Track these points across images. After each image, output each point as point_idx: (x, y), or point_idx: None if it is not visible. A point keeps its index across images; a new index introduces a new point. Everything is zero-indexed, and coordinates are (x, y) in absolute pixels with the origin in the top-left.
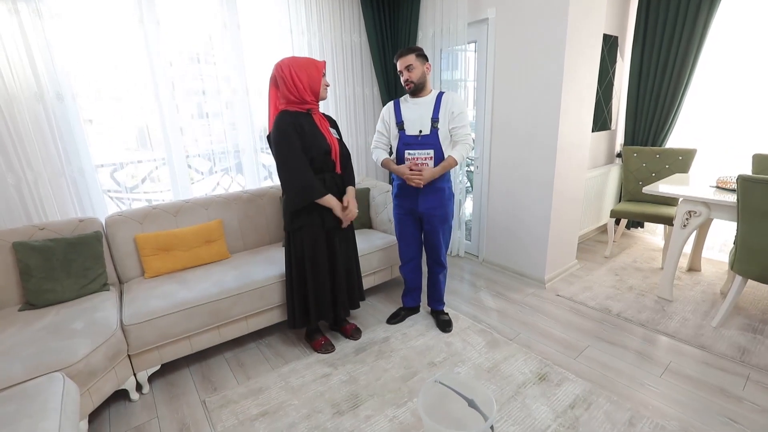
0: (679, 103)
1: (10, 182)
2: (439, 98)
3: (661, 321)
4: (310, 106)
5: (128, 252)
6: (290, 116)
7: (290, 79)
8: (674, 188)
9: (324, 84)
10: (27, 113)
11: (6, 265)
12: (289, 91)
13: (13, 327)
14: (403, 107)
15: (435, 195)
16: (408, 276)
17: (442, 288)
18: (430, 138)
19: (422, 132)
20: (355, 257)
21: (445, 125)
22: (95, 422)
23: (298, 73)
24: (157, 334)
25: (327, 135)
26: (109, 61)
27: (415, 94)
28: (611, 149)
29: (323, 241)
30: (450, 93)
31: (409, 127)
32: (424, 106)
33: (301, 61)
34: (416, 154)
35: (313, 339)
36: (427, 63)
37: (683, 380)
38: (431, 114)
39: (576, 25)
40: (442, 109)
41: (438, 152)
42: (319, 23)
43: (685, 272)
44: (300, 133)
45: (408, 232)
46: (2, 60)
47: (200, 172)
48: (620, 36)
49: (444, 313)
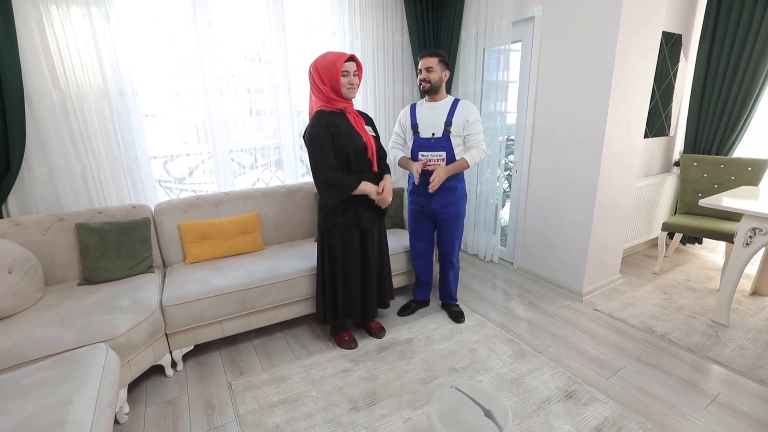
0: (752, 109)
1: (77, 170)
2: (455, 104)
3: (713, 347)
4: (342, 105)
5: (173, 238)
6: (326, 116)
7: (318, 79)
8: (739, 202)
9: (347, 83)
10: (94, 108)
11: (69, 244)
12: (319, 90)
13: (71, 299)
14: (418, 110)
15: (448, 194)
16: (420, 270)
17: (453, 286)
18: (443, 140)
19: (435, 135)
20: (387, 257)
21: (458, 130)
22: (134, 392)
23: (321, 73)
24: (191, 317)
25: (363, 133)
26: (166, 61)
27: (430, 97)
28: (668, 157)
29: (356, 240)
30: (465, 101)
31: (423, 130)
32: (438, 110)
33: (325, 60)
34: (429, 156)
35: (337, 334)
36: (446, 70)
37: (733, 415)
38: (445, 118)
39: (630, 22)
40: (456, 114)
41: (450, 154)
42: (362, 24)
43: (748, 296)
44: (334, 133)
45: (420, 228)
46: (76, 60)
47: (243, 166)
48: (684, 34)
49: (455, 305)
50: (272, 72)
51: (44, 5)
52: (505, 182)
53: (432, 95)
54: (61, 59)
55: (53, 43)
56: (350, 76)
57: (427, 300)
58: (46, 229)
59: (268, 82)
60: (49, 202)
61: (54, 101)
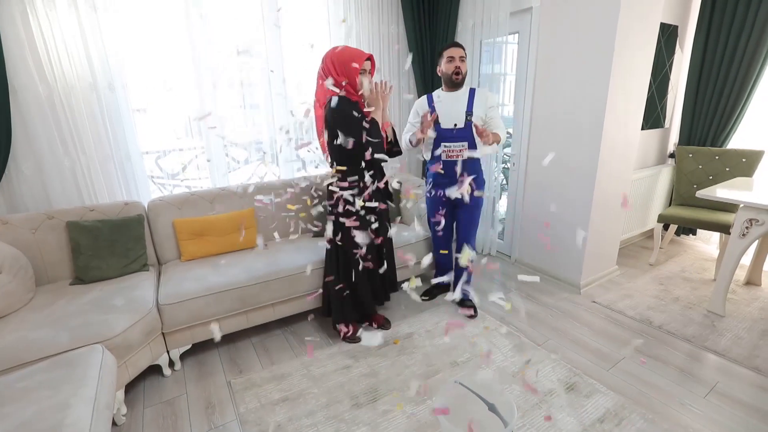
0: (746, 101)
1: (66, 165)
2: (473, 93)
3: (710, 337)
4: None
5: (167, 235)
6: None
7: (333, 72)
8: (734, 193)
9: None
10: (83, 102)
11: (60, 242)
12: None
13: (63, 299)
14: (436, 101)
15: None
16: (442, 260)
17: (470, 275)
18: (465, 131)
19: (457, 125)
20: (390, 249)
21: (479, 119)
22: (131, 393)
23: (338, 67)
24: (188, 315)
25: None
26: (157, 54)
27: (447, 87)
28: (663, 149)
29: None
30: (482, 89)
31: (444, 121)
32: (458, 101)
33: (343, 56)
34: (451, 146)
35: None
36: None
37: (731, 403)
38: (465, 108)
39: (629, 14)
40: (476, 103)
41: (471, 144)
42: (357, 14)
43: (742, 286)
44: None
45: (443, 219)
46: (63, 53)
47: (237, 161)
48: (680, 25)
49: (470, 300)
50: (265, 65)
51: None
52: (501, 175)
53: (455, 86)
54: (47, 52)
55: (38, 36)
56: (367, 74)
57: (449, 285)
58: (36, 227)
59: (261, 75)
60: (37, 199)
61: (41, 95)
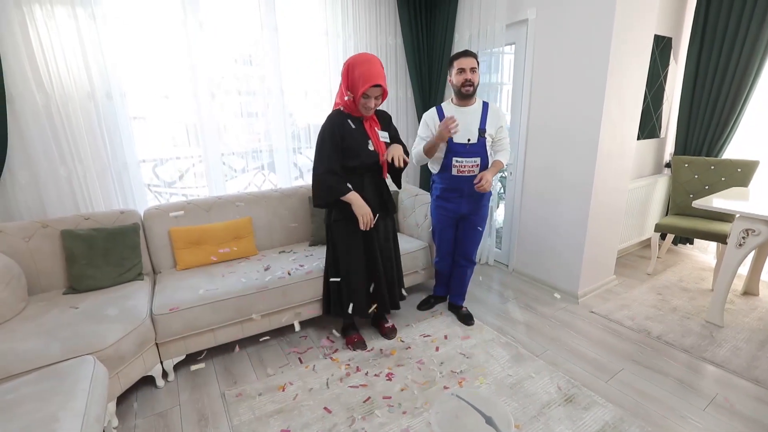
0: (740, 111)
1: (62, 174)
2: (486, 108)
3: (709, 348)
4: (358, 115)
5: (163, 244)
6: (341, 117)
7: (344, 83)
8: (731, 203)
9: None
10: (80, 111)
11: (54, 251)
12: (345, 92)
13: (56, 308)
14: (447, 114)
15: (479, 198)
16: (444, 270)
17: (467, 284)
18: (478, 146)
19: (470, 141)
20: (397, 257)
21: (490, 137)
22: (123, 404)
23: (349, 81)
24: (183, 325)
25: (375, 142)
26: (155, 62)
27: (459, 101)
28: (659, 158)
29: (360, 235)
30: (494, 105)
31: (456, 135)
32: (471, 115)
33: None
34: (464, 162)
35: (347, 334)
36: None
37: (731, 416)
38: (479, 124)
39: (623, 26)
40: (489, 119)
41: (484, 160)
42: (355, 25)
43: (740, 296)
44: (345, 135)
45: (447, 232)
46: (61, 61)
47: (234, 169)
48: (674, 37)
49: (463, 308)
50: (264, 74)
51: (27, 5)
52: (499, 184)
53: (467, 99)
54: (45, 61)
55: (37, 44)
56: (371, 99)
57: (446, 296)
58: (30, 236)
59: (259, 84)
60: (32, 207)
61: (38, 104)
